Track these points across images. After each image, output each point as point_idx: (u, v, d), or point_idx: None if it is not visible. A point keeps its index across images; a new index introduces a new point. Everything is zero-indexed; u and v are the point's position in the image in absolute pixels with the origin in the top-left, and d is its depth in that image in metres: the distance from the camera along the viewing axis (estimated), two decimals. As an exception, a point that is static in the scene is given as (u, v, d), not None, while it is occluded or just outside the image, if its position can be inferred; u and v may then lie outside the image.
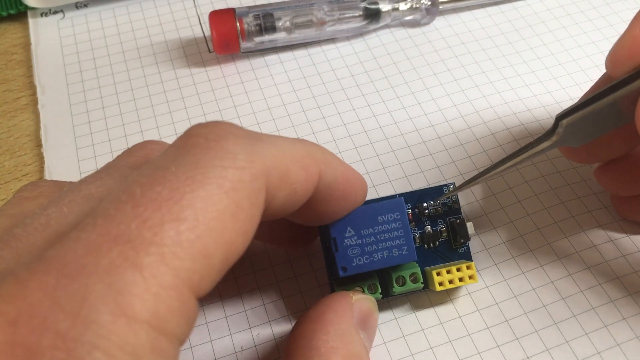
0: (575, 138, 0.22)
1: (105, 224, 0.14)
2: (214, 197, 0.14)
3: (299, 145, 0.18)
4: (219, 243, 0.14)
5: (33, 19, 0.36)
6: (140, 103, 0.32)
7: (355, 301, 0.21)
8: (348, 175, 0.20)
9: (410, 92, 0.32)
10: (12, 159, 0.31)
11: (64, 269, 0.13)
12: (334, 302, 0.21)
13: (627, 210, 0.26)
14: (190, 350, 0.23)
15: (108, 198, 0.14)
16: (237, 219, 0.15)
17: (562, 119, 0.22)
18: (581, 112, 0.21)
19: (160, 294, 0.13)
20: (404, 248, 0.22)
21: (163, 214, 0.14)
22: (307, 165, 0.18)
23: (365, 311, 0.21)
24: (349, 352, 0.19)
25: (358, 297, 0.21)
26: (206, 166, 0.15)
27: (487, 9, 0.37)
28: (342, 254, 0.21)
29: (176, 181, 0.14)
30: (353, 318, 0.20)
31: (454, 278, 0.23)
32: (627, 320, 0.24)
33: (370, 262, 0.22)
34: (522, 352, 0.23)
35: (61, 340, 0.12)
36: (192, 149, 0.15)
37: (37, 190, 0.18)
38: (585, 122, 0.22)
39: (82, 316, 0.12)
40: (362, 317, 0.21)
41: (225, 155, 0.15)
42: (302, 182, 0.17)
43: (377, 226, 0.22)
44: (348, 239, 0.22)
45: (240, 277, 0.25)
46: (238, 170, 0.15)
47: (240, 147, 0.15)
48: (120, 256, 0.13)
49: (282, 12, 0.33)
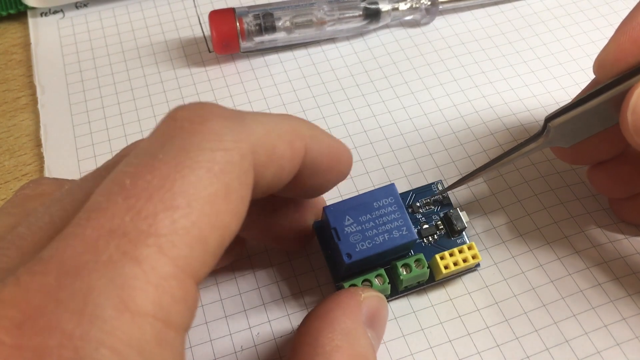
0: (564, 139, 0.23)
1: (98, 217, 0.13)
2: (204, 182, 0.14)
3: (284, 121, 0.18)
4: (213, 227, 0.14)
5: (33, 18, 0.36)
6: (140, 103, 0.32)
7: (364, 299, 0.21)
8: (334, 148, 0.20)
9: (410, 92, 0.32)
10: (12, 158, 0.31)
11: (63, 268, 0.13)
12: (342, 299, 0.20)
13: (624, 212, 0.27)
14: (190, 350, 0.23)
15: (98, 190, 0.14)
16: (229, 201, 0.15)
17: (550, 120, 0.23)
18: (569, 113, 0.22)
19: (161, 285, 0.13)
20: (403, 228, 0.22)
21: (156, 204, 0.14)
22: (293, 141, 0.18)
23: (374, 309, 0.21)
24: (354, 352, 0.19)
25: (367, 295, 0.21)
26: (194, 150, 0.14)
27: (487, 8, 0.37)
28: (345, 241, 0.22)
29: (166, 168, 0.14)
30: (361, 316, 0.20)
31: (457, 260, 0.23)
32: (627, 320, 0.24)
33: (373, 246, 0.22)
34: (522, 351, 0.23)
35: (67, 339, 0.12)
36: (178, 134, 0.15)
37: (39, 188, 0.18)
38: (573, 123, 0.23)
39: (87, 314, 0.12)
40: (371, 315, 0.21)
41: (212, 137, 0.15)
42: (288, 158, 0.17)
43: (374, 211, 0.22)
44: (348, 227, 0.22)
45: (240, 277, 0.25)
46: (226, 152, 0.15)
47: (227, 128, 0.15)
48: (119, 250, 0.13)
49: (282, 12, 0.33)
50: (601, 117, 0.22)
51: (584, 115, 0.22)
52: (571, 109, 0.22)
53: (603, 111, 0.22)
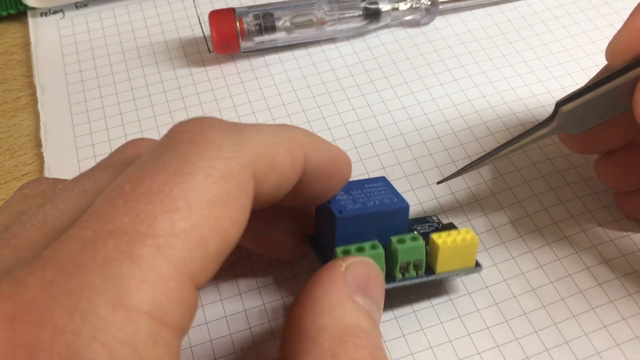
0: (575, 125, 0.23)
1: (98, 220, 0.14)
2: (204, 187, 0.14)
3: (283, 131, 0.18)
4: (213, 231, 0.14)
5: (33, 18, 0.36)
6: (140, 103, 0.32)
7: (347, 267, 0.19)
8: (333, 155, 0.20)
9: (410, 92, 0.32)
10: (12, 158, 0.31)
11: (60, 265, 0.13)
12: (322, 276, 0.19)
13: (630, 206, 0.26)
14: (190, 350, 0.23)
15: (100, 196, 0.15)
16: (229, 208, 0.15)
17: (562, 105, 0.23)
18: (581, 98, 0.22)
19: (158, 284, 0.13)
20: (394, 199, 0.22)
21: (155, 207, 0.14)
22: (292, 150, 0.18)
23: (361, 275, 0.19)
24: (340, 327, 0.17)
25: (350, 262, 0.20)
26: (193, 158, 0.15)
27: (487, 8, 0.37)
28: (336, 204, 0.21)
29: (165, 174, 0.14)
30: (346, 287, 0.19)
31: (455, 238, 0.22)
32: (626, 320, 0.24)
33: (365, 207, 0.22)
34: (521, 352, 0.23)
35: (60, 334, 0.12)
36: (178, 144, 0.15)
37: (39, 187, 0.18)
38: (584, 109, 0.22)
39: (80, 309, 0.12)
40: (360, 282, 0.19)
41: (211, 147, 0.15)
42: (289, 167, 0.17)
43: (365, 189, 0.22)
44: (340, 197, 0.22)
45: (240, 277, 0.25)
46: (225, 161, 0.15)
47: (226, 139, 0.16)
48: (116, 249, 0.13)
49: (282, 12, 0.33)
50: (613, 103, 0.22)
51: (596, 100, 0.22)
52: (583, 94, 0.22)
53: (615, 97, 0.22)
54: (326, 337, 0.17)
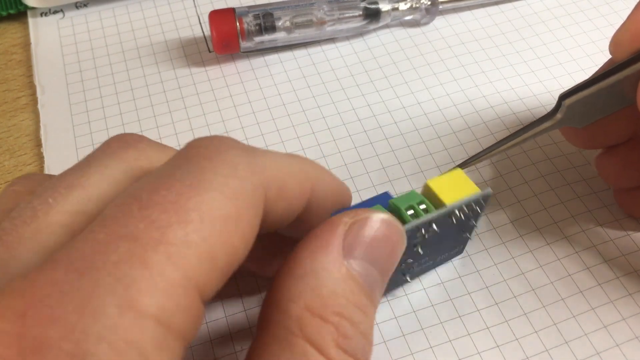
0: (578, 118, 0.23)
1: (112, 225, 0.14)
2: (218, 203, 0.15)
3: (293, 160, 0.18)
4: (223, 246, 0.15)
5: (33, 18, 0.36)
6: (140, 103, 0.32)
7: (352, 224, 0.17)
8: (336, 188, 0.20)
9: (410, 92, 0.32)
10: (12, 158, 0.31)
11: (72, 265, 0.13)
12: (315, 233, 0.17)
13: (630, 204, 0.26)
14: (190, 350, 0.23)
15: (113, 202, 0.15)
16: (240, 225, 0.15)
17: (565, 98, 0.22)
18: (584, 92, 0.22)
19: (167, 291, 0.13)
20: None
21: (170, 216, 0.14)
22: (301, 180, 0.18)
23: (368, 234, 0.17)
24: (314, 295, 0.16)
25: (360, 217, 0.17)
26: (209, 174, 0.15)
27: (487, 8, 0.37)
28: None
29: (181, 186, 0.15)
30: (337, 247, 0.16)
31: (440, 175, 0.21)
32: (626, 320, 0.24)
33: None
34: (521, 352, 0.23)
35: (69, 331, 0.12)
36: (194, 159, 0.16)
37: (29, 183, 0.19)
38: (587, 102, 0.22)
39: (90, 308, 0.12)
40: (361, 242, 0.17)
41: (227, 165, 0.16)
42: (297, 196, 0.18)
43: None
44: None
45: (240, 278, 0.25)
46: (239, 180, 0.15)
47: (240, 160, 0.16)
48: (128, 253, 0.13)
49: (282, 12, 0.33)
50: (616, 97, 0.22)
51: (599, 93, 0.22)
52: (586, 87, 0.22)
53: (618, 90, 0.21)
54: (298, 306, 0.16)
